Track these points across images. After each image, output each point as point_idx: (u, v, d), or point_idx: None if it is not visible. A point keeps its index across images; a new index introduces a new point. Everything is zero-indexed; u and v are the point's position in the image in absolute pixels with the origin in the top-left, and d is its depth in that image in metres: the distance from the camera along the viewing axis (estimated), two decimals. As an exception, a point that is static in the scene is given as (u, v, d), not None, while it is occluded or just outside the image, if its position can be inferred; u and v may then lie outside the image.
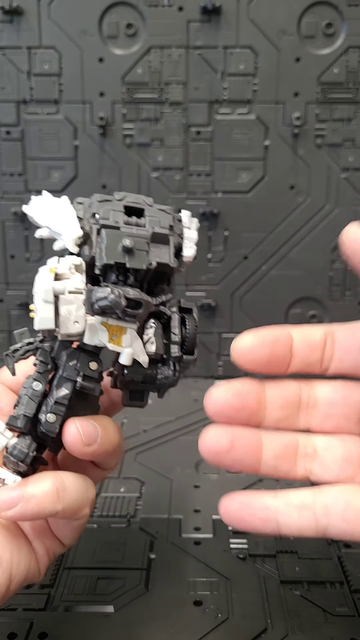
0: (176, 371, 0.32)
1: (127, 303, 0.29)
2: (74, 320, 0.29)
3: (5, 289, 0.75)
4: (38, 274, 0.29)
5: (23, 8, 0.67)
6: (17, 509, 0.28)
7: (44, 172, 0.71)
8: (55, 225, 0.31)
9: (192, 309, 0.33)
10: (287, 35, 0.68)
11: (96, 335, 0.29)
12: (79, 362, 0.31)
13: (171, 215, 0.32)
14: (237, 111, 0.70)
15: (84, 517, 0.31)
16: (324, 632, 0.36)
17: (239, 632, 0.36)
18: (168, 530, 0.46)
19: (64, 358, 0.31)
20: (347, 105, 0.69)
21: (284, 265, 0.73)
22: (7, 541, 0.30)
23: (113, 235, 0.30)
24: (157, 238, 0.31)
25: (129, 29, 0.68)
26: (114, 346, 0.30)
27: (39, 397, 0.31)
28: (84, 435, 0.30)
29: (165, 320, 0.32)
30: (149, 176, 0.72)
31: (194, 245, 0.33)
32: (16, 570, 0.30)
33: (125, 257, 0.29)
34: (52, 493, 0.29)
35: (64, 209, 0.31)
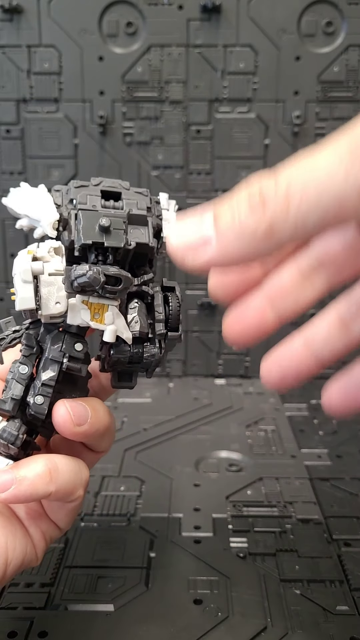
0: (162, 349, 0.32)
1: (107, 279, 0.29)
2: (55, 300, 0.29)
3: (5, 288, 0.75)
4: (16, 257, 0.30)
5: (23, 7, 0.67)
6: (11, 491, 0.28)
7: (44, 170, 0.71)
8: (33, 212, 0.31)
9: (175, 287, 0.33)
10: (287, 33, 0.68)
11: (78, 315, 0.29)
12: (63, 343, 0.31)
13: (148, 197, 0.32)
14: (237, 110, 0.70)
15: (78, 499, 0.31)
16: (324, 631, 0.36)
17: (239, 630, 0.36)
18: (168, 528, 0.46)
19: (48, 341, 0.31)
20: (347, 104, 0.69)
21: (284, 264, 0.73)
22: (2, 526, 0.30)
23: (89, 216, 0.30)
24: (135, 219, 0.31)
25: (129, 27, 0.68)
26: (97, 324, 0.30)
27: (25, 380, 0.31)
28: (74, 415, 0.30)
29: (148, 300, 0.32)
30: (149, 175, 0.72)
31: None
32: (12, 555, 0.30)
33: (102, 237, 0.29)
34: (45, 474, 0.29)
35: (41, 197, 0.31)
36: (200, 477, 0.53)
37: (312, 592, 0.39)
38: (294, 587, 0.40)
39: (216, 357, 0.76)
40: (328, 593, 0.39)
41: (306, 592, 0.39)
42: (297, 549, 0.43)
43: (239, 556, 0.43)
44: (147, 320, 0.32)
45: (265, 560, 0.42)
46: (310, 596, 0.39)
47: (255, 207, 0.22)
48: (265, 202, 0.22)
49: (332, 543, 0.44)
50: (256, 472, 0.54)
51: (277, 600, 0.38)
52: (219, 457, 0.57)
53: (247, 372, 0.76)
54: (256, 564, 0.42)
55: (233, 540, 0.44)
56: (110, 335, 0.30)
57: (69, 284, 0.29)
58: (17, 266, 0.29)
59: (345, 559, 0.42)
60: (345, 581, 0.40)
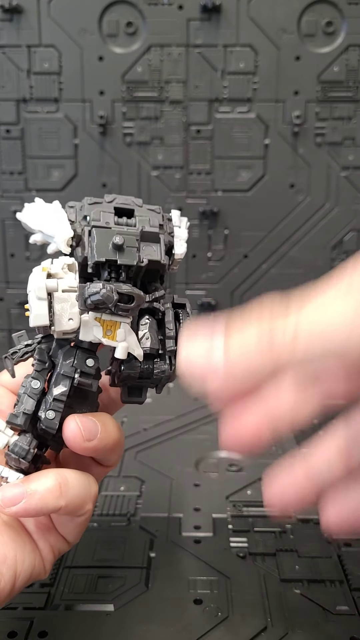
0: (172, 365, 0.32)
1: (119, 297, 0.29)
2: (68, 317, 0.29)
3: (5, 288, 0.75)
4: (31, 274, 0.30)
5: (23, 6, 0.67)
6: (21, 505, 0.29)
7: (44, 170, 0.71)
8: (47, 228, 0.31)
9: (186, 304, 0.34)
10: (287, 33, 0.68)
11: (91, 331, 0.30)
12: (75, 359, 0.31)
13: (160, 214, 0.33)
14: (237, 110, 0.70)
15: (87, 513, 0.32)
16: (324, 631, 0.36)
17: (239, 630, 0.36)
18: (168, 528, 0.46)
19: (60, 356, 0.31)
20: (347, 104, 0.69)
21: (284, 264, 0.73)
22: (12, 539, 0.30)
23: (103, 234, 0.30)
24: (148, 236, 0.31)
25: (129, 27, 0.68)
26: (109, 341, 0.30)
27: (37, 395, 0.31)
28: (84, 430, 0.30)
29: (159, 316, 0.33)
30: (149, 175, 0.72)
31: (184, 243, 0.34)
32: (21, 568, 0.30)
33: (116, 254, 0.30)
34: (55, 488, 0.29)
35: (55, 213, 0.32)
36: (200, 477, 0.53)
37: (312, 592, 0.39)
38: (294, 587, 0.40)
39: (216, 357, 0.76)
40: (328, 593, 0.39)
41: (306, 592, 0.39)
42: (297, 549, 0.43)
43: (239, 556, 0.43)
44: (158, 336, 0.32)
45: (266, 560, 0.42)
46: (310, 596, 0.39)
47: (264, 346, 0.23)
48: (274, 344, 0.23)
49: (332, 543, 0.44)
50: (256, 472, 0.53)
51: (277, 600, 0.38)
52: (219, 457, 0.57)
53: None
54: (256, 564, 0.42)
55: (233, 540, 0.44)
56: (122, 352, 0.30)
57: (83, 302, 0.29)
58: (32, 283, 0.29)
59: (345, 559, 0.42)
60: (345, 581, 0.40)
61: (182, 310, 0.33)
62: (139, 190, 0.72)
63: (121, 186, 0.72)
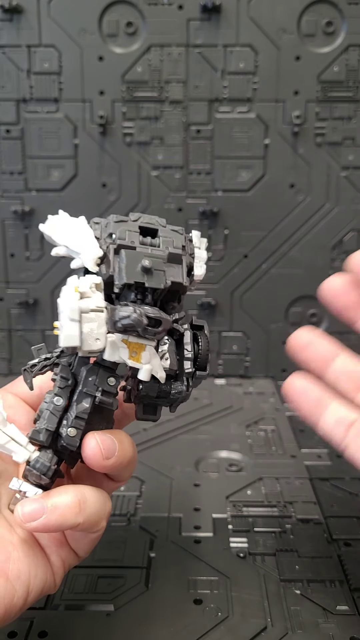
0: (189, 386, 0.33)
1: (148, 321, 0.30)
2: (95, 337, 0.29)
3: (5, 288, 0.75)
4: (62, 292, 0.30)
5: (23, 6, 0.67)
6: (41, 520, 0.29)
7: (44, 170, 0.71)
8: (73, 244, 0.31)
9: (204, 326, 0.34)
10: (287, 33, 0.68)
11: (117, 352, 0.30)
12: (97, 377, 0.32)
13: (183, 235, 0.33)
14: (237, 110, 0.70)
15: (101, 530, 0.32)
16: (324, 631, 0.36)
17: (239, 630, 0.36)
18: (168, 528, 0.46)
19: (83, 373, 0.32)
20: (347, 104, 0.69)
21: (284, 264, 0.73)
22: (26, 555, 0.30)
23: (132, 256, 0.31)
24: (171, 258, 0.32)
25: (129, 27, 0.68)
26: (134, 362, 0.31)
27: (60, 412, 0.31)
28: (104, 449, 0.31)
29: (177, 337, 0.33)
30: (149, 175, 0.72)
31: (204, 264, 0.34)
32: (34, 584, 0.30)
33: (144, 277, 0.30)
34: (75, 505, 0.30)
35: (82, 229, 0.32)
36: (200, 477, 0.53)
37: (312, 592, 0.39)
38: (294, 587, 0.40)
39: (216, 357, 0.76)
40: (328, 593, 0.39)
41: (306, 592, 0.39)
42: (297, 549, 0.43)
43: (239, 556, 0.43)
44: (176, 356, 0.33)
45: (265, 560, 0.42)
46: (310, 596, 0.39)
47: None
48: None
49: (332, 543, 0.44)
50: (256, 472, 0.54)
51: (277, 600, 0.38)
52: (219, 457, 0.57)
53: (247, 372, 0.76)
54: (256, 564, 0.42)
55: (233, 540, 0.44)
56: (146, 375, 0.31)
57: (112, 324, 0.30)
58: (64, 303, 0.29)
59: (345, 559, 0.42)
60: (345, 581, 0.40)
61: (201, 332, 0.34)
62: (139, 190, 0.72)
63: (121, 186, 0.72)
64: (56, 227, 0.32)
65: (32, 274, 0.74)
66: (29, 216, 0.72)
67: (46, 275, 0.74)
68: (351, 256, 0.30)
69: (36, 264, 0.74)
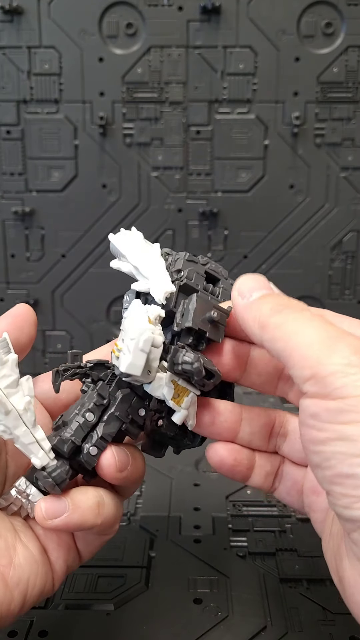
0: (202, 440, 0.35)
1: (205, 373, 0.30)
2: (148, 369, 0.30)
3: (5, 288, 0.75)
4: (135, 318, 0.30)
5: (23, 7, 0.67)
6: (62, 518, 0.29)
7: (44, 171, 0.72)
8: (144, 269, 0.32)
9: (233, 386, 0.35)
10: (287, 34, 0.68)
11: (161, 389, 0.31)
12: (131, 405, 0.32)
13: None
14: (237, 110, 0.70)
15: (113, 533, 0.33)
16: (324, 630, 0.36)
17: (238, 630, 0.36)
18: (168, 528, 0.46)
19: (119, 397, 0.32)
20: (347, 105, 0.70)
21: (284, 264, 0.74)
22: (28, 562, 0.30)
23: (203, 303, 0.31)
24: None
25: (129, 28, 0.68)
26: (174, 404, 0.31)
27: (89, 428, 0.31)
28: (118, 461, 0.31)
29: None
30: (149, 175, 0.72)
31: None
32: (32, 591, 0.30)
33: (207, 326, 0.31)
34: (95, 506, 0.30)
35: (156, 258, 0.32)
36: (200, 476, 0.53)
37: (311, 592, 0.39)
38: (294, 586, 0.40)
39: (216, 357, 0.76)
40: (328, 592, 0.39)
41: (306, 591, 0.39)
42: (296, 548, 0.43)
43: (239, 555, 0.43)
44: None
45: (265, 560, 0.42)
46: (310, 596, 0.39)
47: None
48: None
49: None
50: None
51: (276, 600, 0.38)
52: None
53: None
54: (256, 563, 0.42)
55: (233, 540, 0.44)
56: (181, 419, 0.32)
57: (172, 365, 0.30)
58: (137, 331, 0.29)
59: (344, 558, 0.42)
60: (344, 580, 0.40)
61: (229, 389, 0.35)
62: (139, 191, 0.72)
63: (121, 187, 0.72)
64: (127, 244, 0.33)
65: (33, 275, 0.74)
66: (29, 217, 0.72)
67: (46, 276, 0.74)
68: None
69: (36, 265, 0.74)
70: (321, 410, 0.25)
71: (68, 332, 0.76)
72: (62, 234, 0.73)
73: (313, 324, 0.27)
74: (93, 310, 0.75)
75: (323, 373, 0.25)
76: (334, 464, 0.25)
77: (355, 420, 0.24)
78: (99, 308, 0.75)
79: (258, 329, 0.28)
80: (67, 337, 0.76)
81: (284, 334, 0.27)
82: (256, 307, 0.29)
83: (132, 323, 0.29)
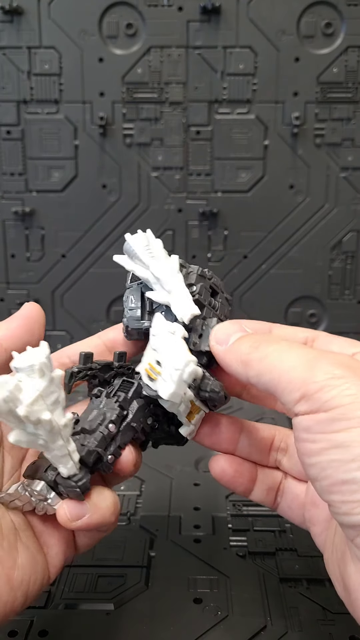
0: (186, 441, 0.36)
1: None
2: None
3: (5, 288, 0.75)
4: (174, 345, 0.31)
5: (23, 8, 0.67)
6: (84, 520, 0.30)
7: (45, 171, 0.72)
8: (167, 283, 0.32)
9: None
10: (287, 35, 0.68)
11: (177, 406, 0.31)
12: (143, 416, 0.33)
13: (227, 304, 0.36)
14: (237, 111, 0.70)
15: (113, 528, 0.33)
16: (324, 630, 0.36)
17: (238, 629, 0.36)
18: (168, 528, 0.46)
19: (135, 407, 0.33)
20: (346, 105, 0.70)
21: (284, 265, 0.74)
22: (28, 561, 0.31)
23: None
24: None
25: (129, 28, 0.68)
26: (185, 420, 0.33)
27: (111, 439, 0.32)
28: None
29: None
30: (149, 175, 0.72)
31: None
32: (32, 589, 0.31)
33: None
34: (112, 506, 0.31)
35: (176, 272, 0.33)
36: (200, 476, 0.53)
37: (311, 592, 0.39)
38: (294, 586, 0.40)
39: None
40: (327, 592, 0.39)
41: (306, 591, 0.39)
42: (296, 548, 0.43)
43: (239, 555, 0.43)
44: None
45: (265, 560, 0.42)
46: (310, 595, 0.39)
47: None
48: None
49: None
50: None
51: (276, 599, 0.38)
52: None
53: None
54: (256, 563, 0.42)
55: (233, 540, 0.44)
56: (188, 433, 0.33)
57: (197, 391, 0.32)
58: (182, 363, 0.30)
59: (344, 558, 0.42)
60: (344, 580, 0.40)
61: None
62: (139, 191, 0.72)
63: (121, 187, 0.72)
64: (147, 250, 0.33)
65: (33, 275, 0.74)
66: (29, 217, 0.73)
67: (47, 276, 0.74)
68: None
69: (37, 265, 0.74)
70: (313, 423, 0.26)
71: (68, 332, 0.76)
72: (62, 234, 0.73)
73: (292, 350, 0.28)
74: (93, 310, 0.75)
75: (311, 390, 0.26)
76: (331, 472, 0.25)
77: (346, 427, 0.25)
78: (99, 308, 0.75)
79: (242, 368, 0.30)
80: (67, 337, 0.76)
81: (267, 366, 0.28)
82: (236, 349, 0.30)
83: (172, 351, 0.30)
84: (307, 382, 0.26)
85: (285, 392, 0.27)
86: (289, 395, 0.27)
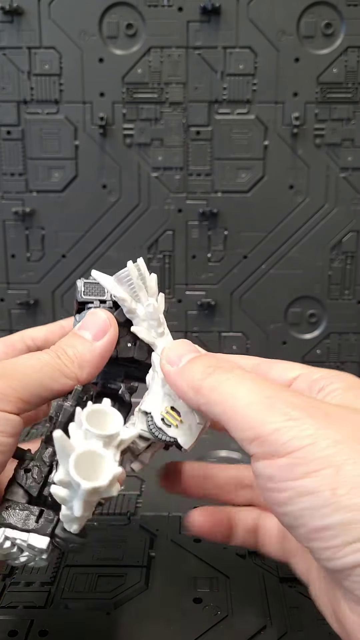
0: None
1: None
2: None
3: (6, 289, 0.75)
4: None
5: (23, 8, 0.67)
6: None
7: (45, 171, 0.72)
8: (156, 325, 0.34)
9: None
10: (287, 35, 0.68)
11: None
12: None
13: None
14: (237, 111, 0.70)
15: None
16: (324, 630, 0.36)
17: (238, 629, 0.36)
18: (168, 527, 0.46)
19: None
20: (346, 105, 0.70)
21: (283, 265, 0.74)
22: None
23: None
24: None
25: (129, 29, 0.68)
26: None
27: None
28: None
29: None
30: (149, 176, 0.72)
31: None
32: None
33: None
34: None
35: (162, 317, 0.34)
36: (200, 476, 0.53)
37: (311, 591, 0.39)
38: (294, 586, 0.40)
39: (216, 357, 0.76)
40: (327, 592, 0.39)
41: (306, 591, 0.39)
42: (296, 548, 0.43)
43: (239, 555, 0.43)
44: None
45: (265, 559, 0.42)
46: (310, 595, 0.39)
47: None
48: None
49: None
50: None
51: (276, 599, 0.38)
52: (219, 456, 0.57)
53: (247, 372, 0.76)
54: (256, 562, 0.42)
55: (233, 540, 0.44)
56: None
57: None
58: (204, 419, 0.32)
59: (344, 558, 0.42)
60: (344, 580, 0.40)
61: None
62: (139, 192, 0.72)
63: (121, 187, 0.72)
64: (139, 281, 0.33)
65: (33, 275, 0.74)
66: (29, 217, 0.73)
67: (47, 276, 0.74)
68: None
69: (37, 265, 0.74)
70: (275, 471, 0.25)
71: (68, 332, 0.76)
72: (62, 234, 0.73)
73: (247, 384, 0.27)
74: (93, 311, 0.75)
75: (266, 432, 0.25)
76: (306, 521, 0.25)
77: (309, 471, 0.24)
78: (99, 308, 0.75)
79: (193, 394, 0.29)
80: (67, 337, 0.76)
81: (219, 397, 0.27)
82: (187, 372, 0.30)
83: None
84: (262, 423, 0.25)
85: (238, 429, 0.26)
86: (242, 433, 0.26)
